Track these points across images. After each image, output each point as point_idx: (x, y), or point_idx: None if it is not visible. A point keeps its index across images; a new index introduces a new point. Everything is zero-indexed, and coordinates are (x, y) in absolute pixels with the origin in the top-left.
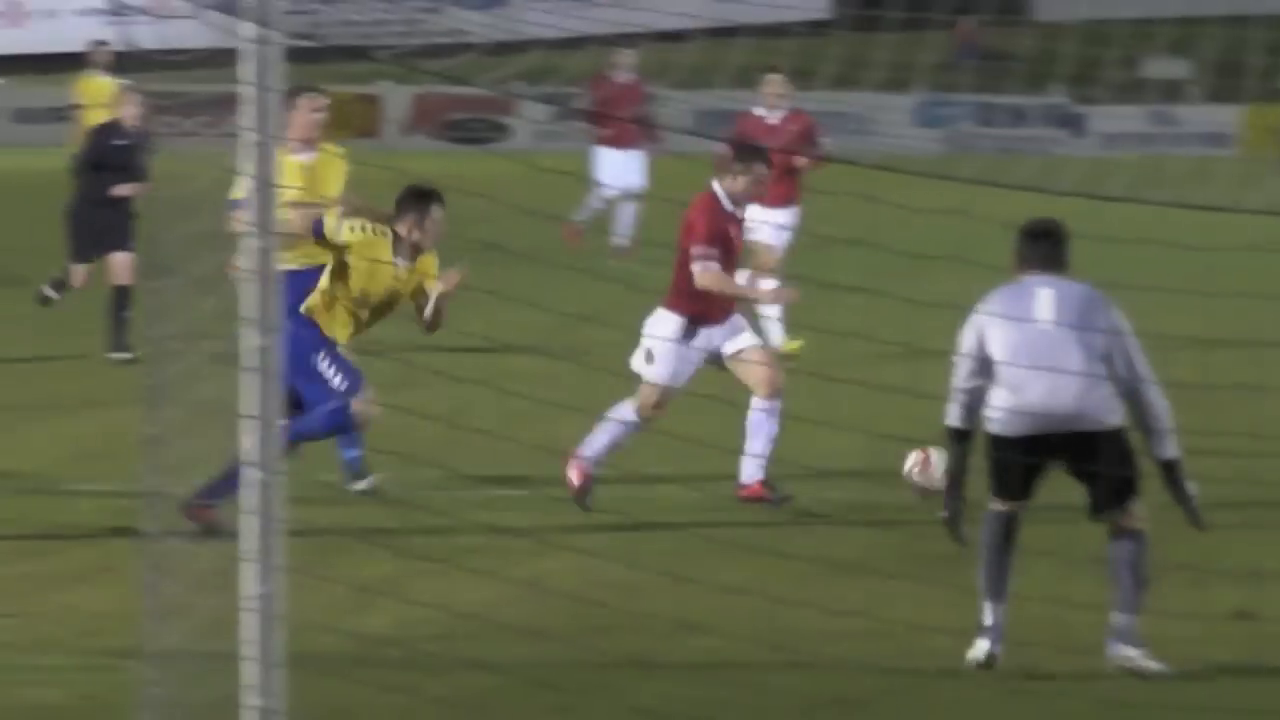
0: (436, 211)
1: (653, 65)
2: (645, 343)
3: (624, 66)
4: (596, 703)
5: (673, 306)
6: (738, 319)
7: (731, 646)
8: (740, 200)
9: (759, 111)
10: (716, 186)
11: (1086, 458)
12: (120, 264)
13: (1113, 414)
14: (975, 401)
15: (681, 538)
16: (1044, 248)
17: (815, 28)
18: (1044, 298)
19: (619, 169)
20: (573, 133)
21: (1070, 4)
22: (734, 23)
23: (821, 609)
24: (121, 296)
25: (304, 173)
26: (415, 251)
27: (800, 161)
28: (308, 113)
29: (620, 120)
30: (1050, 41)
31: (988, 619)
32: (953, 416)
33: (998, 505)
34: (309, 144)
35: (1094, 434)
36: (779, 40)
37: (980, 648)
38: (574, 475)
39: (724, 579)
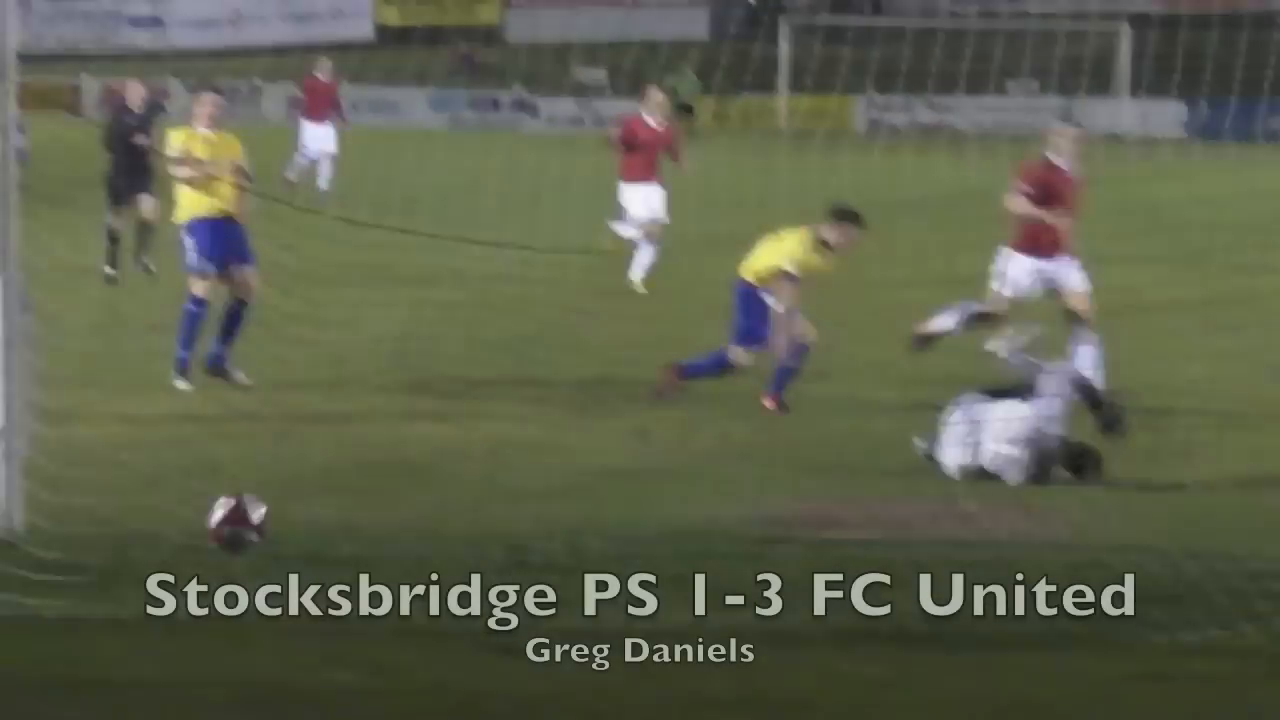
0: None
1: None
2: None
3: (324, 69)
4: None
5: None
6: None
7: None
8: (1065, 155)
9: (646, 118)
10: (1049, 154)
11: None
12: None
13: None
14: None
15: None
16: None
17: (364, 47)
18: None
19: (318, 136)
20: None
21: (530, 30)
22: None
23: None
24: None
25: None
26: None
27: (675, 154)
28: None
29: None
30: (513, 57)
31: None
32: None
33: None
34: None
35: None
36: (346, 53)
37: None
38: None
39: None
